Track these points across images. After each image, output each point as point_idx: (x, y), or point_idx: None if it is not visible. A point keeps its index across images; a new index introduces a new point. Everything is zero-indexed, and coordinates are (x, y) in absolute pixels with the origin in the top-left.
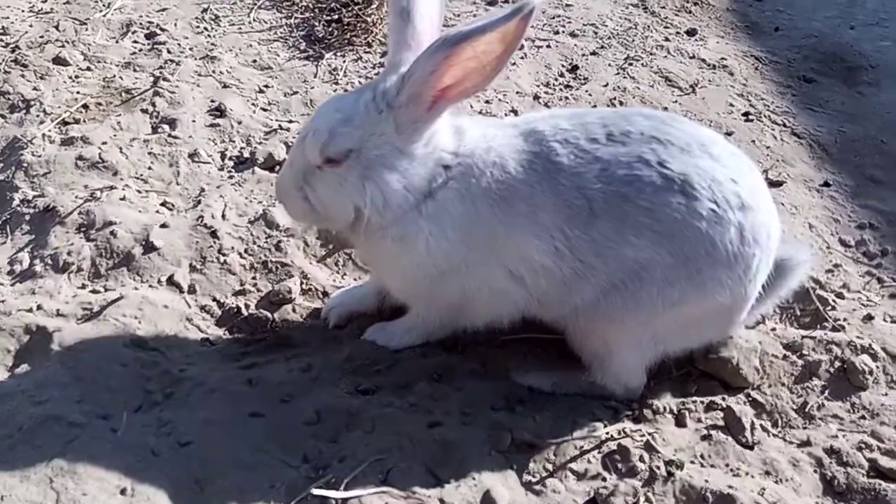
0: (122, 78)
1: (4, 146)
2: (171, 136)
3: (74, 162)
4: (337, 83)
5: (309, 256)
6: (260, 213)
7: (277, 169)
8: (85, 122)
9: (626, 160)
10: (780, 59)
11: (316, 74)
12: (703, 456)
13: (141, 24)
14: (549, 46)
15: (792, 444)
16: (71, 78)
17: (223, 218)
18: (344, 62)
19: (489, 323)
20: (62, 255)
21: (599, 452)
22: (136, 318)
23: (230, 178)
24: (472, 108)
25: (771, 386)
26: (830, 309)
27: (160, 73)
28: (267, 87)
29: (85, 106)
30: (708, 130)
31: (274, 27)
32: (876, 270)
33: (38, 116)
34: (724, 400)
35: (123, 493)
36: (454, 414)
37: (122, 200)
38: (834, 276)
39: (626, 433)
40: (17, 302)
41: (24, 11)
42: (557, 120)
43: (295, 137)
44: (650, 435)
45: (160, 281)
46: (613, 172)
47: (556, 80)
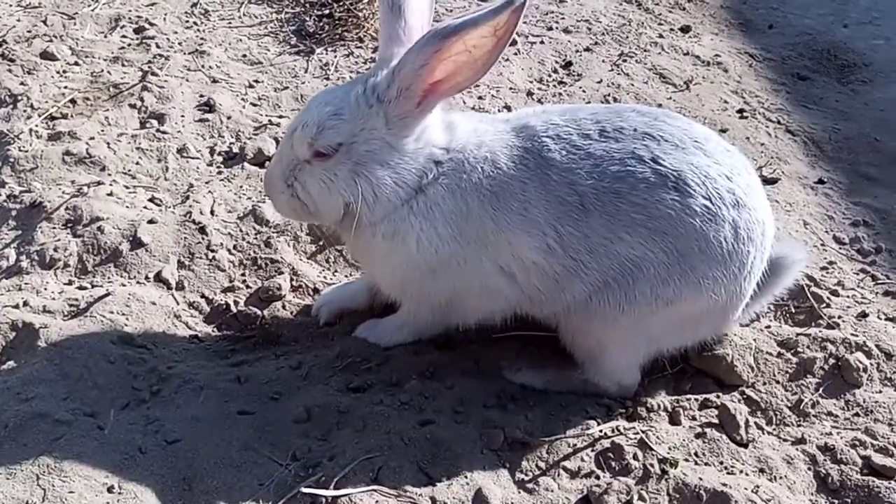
0: (110, 73)
1: None
2: (159, 131)
3: (62, 157)
4: (328, 78)
5: (299, 253)
6: (249, 209)
7: (267, 164)
8: (72, 117)
9: (619, 156)
10: (774, 56)
11: (307, 69)
12: (697, 454)
13: (129, 18)
14: (542, 42)
15: (786, 441)
16: (58, 73)
17: (212, 214)
18: (335, 57)
19: (481, 320)
20: (49, 250)
21: (593, 450)
22: (123, 314)
23: (219, 173)
24: (464, 103)
25: (765, 383)
26: (825, 306)
27: (149, 67)
28: (257, 82)
29: (72, 101)
30: (702, 127)
31: (264, 22)
32: (870, 268)
33: (25, 111)
34: (718, 398)
35: (111, 490)
36: (446, 412)
37: (109, 196)
38: (828, 273)
39: (619, 431)
40: (2, 298)
41: (11, 6)
42: (549, 115)
43: (285, 133)
44: (644, 433)
45: (148, 277)
46: (606, 168)
47: (549, 76)
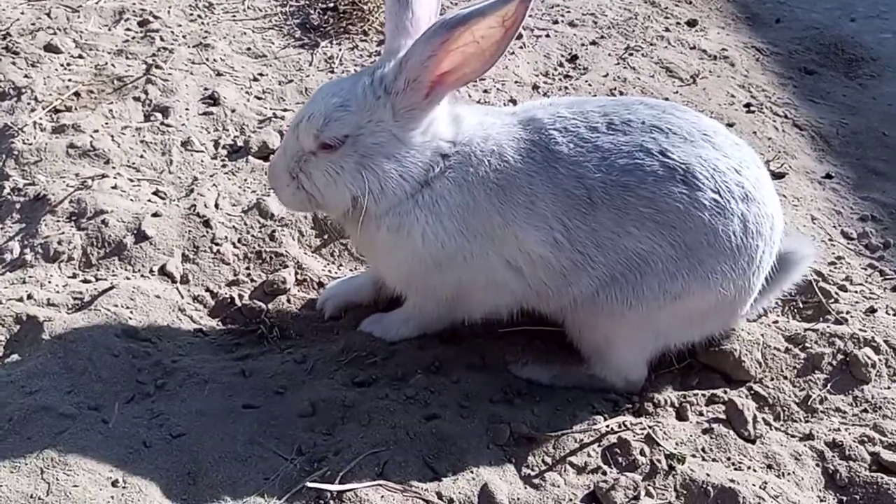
0: (114, 65)
1: None
2: (163, 124)
3: (66, 150)
4: (333, 71)
5: (304, 246)
6: (254, 202)
7: (271, 158)
8: (76, 109)
9: (627, 149)
10: (780, 50)
11: (311, 63)
12: (704, 449)
13: (133, 11)
14: (547, 36)
15: (794, 437)
16: (62, 65)
17: (216, 207)
18: (340, 50)
19: (487, 315)
20: (53, 244)
21: (599, 446)
22: (127, 308)
23: (223, 166)
24: (469, 97)
25: (773, 379)
26: (833, 302)
27: (153, 60)
28: (261, 75)
29: (76, 94)
30: (710, 120)
31: (269, 15)
32: (878, 263)
33: (29, 104)
34: (725, 393)
35: (115, 484)
36: (452, 406)
37: (113, 189)
38: (836, 268)
39: (626, 426)
40: (7, 291)
41: None
42: (557, 108)
43: (290, 123)
44: (651, 428)
45: (152, 271)
46: (614, 162)
47: (555, 69)
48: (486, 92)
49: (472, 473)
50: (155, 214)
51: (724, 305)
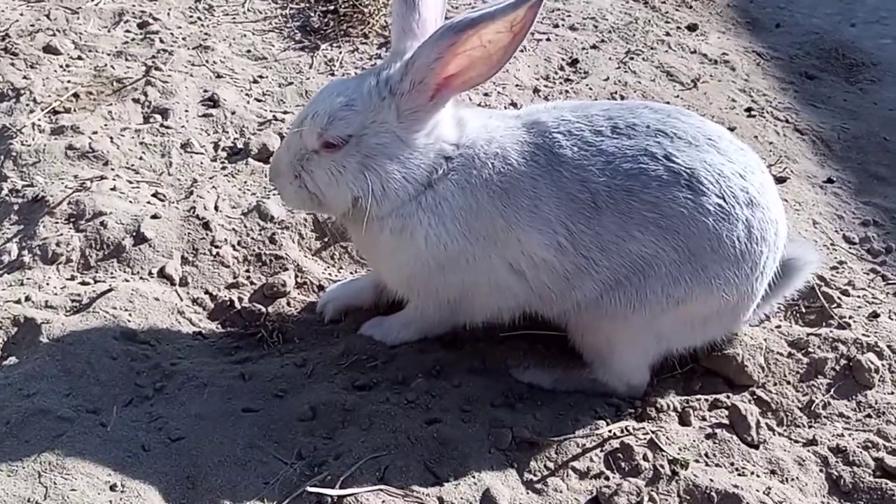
0: (113, 67)
1: None
2: (163, 126)
3: (64, 151)
4: (333, 74)
5: (304, 249)
6: (254, 204)
7: (271, 160)
8: (75, 111)
9: (631, 153)
10: (781, 55)
11: (311, 65)
12: (707, 455)
13: (133, 13)
14: (548, 40)
15: (797, 442)
16: (62, 67)
17: (216, 209)
18: (340, 53)
19: (489, 318)
20: (51, 245)
21: (602, 451)
22: (126, 310)
23: (223, 169)
24: (470, 100)
25: (776, 384)
26: (836, 306)
27: (152, 62)
28: (261, 77)
29: (76, 95)
30: (715, 125)
31: (269, 17)
32: (880, 268)
33: (27, 105)
34: (728, 398)
35: (113, 489)
36: (453, 411)
37: (112, 191)
38: (839, 273)
39: (629, 431)
40: (4, 293)
41: (14, 0)
42: (561, 112)
43: (290, 128)
44: (654, 433)
45: (151, 273)
46: (618, 166)
47: (555, 73)
48: (486, 95)
49: (473, 478)
50: (154, 216)
51: (726, 310)
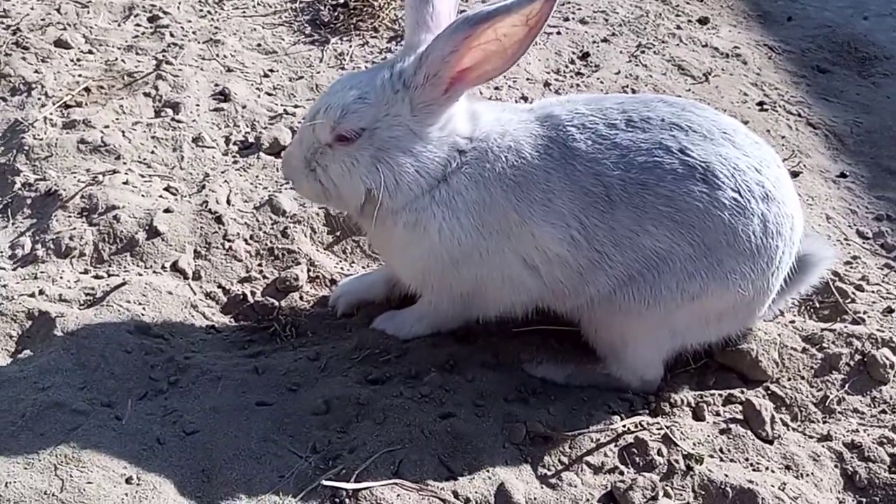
0: (124, 61)
1: (5, 129)
2: (174, 120)
3: (76, 145)
4: (343, 68)
5: (316, 243)
6: (266, 198)
7: (283, 154)
8: (87, 105)
9: (646, 147)
10: (793, 48)
11: (321, 59)
12: (722, 450)
13: (143, 7)
14: (559, 33)
15: (812, 438)
16: (72, 61)
17: (228, 203)
18: (350, 47)
19: (502, 313)
20: (64, 239)
21: (616, 445)
22: (139, 304)
23: (234, 163)
24: (481, 93)
25: (790, 379)
26: (850, 301)
27: (163, 56)
28: (272, 71)
29: (87, 89)
30: (730, 118)
31: (278, 11)
32: (894, 263)
33: (39, 99)
34: (742, 393)
35: (129, 481)
36: (466, 405)
37: (124, 185)
38: (853, 268)
39: (643, 426)
40: (18, 286)
41: None
42: (575, 105)
43: (301, 122)
44: (668, 428)
45: (164, 267)
46: (633, 159)
47: (566, 67)
48: (497, 89)
49: (488, 473)
50: (167, 210)
51: (742, 306)
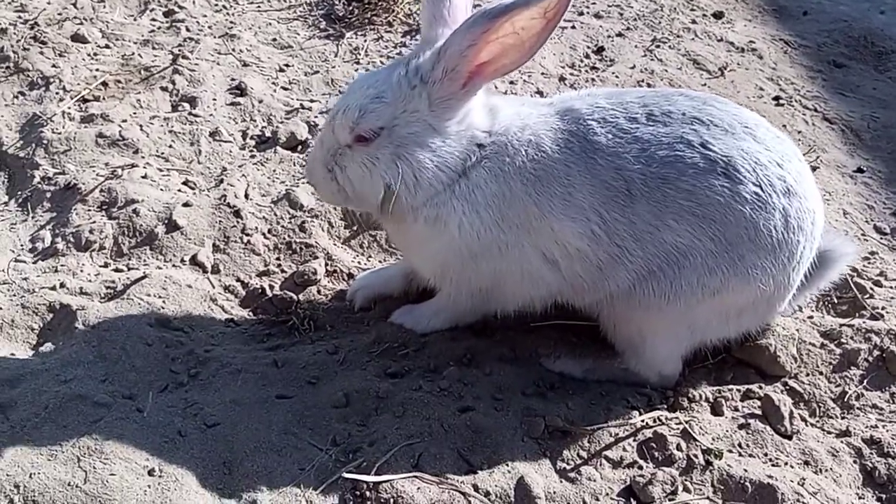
0: (141, 56)
1: (24, 123)
2: (191, 114)
3: (95, 139)
4: (358, 62)
5: (333, 238)
6: (283, 193)
7: (300, 148)
8: (104, 99)
9: (667, 141)
10: (809, 43)
11: (337, 53)
12: (741, 445)
13: (159, 1)
14: (573, 27)
15: (830, 434)
16: (90, 55)
17: (246, 197)
18: (365, 41)
19: (520, 308)
20: (84, 233)
21: (635, 440)
22: (160, 297)
23: (252, 157)
24: (496, 87)
25: (808, 375)
26: (868, 297)
27: (179, 51)
28: (287, 65)
29: (104, 83)
30: (751, 112)
31: (293, 6)
32: None
33: (57, 94)
34: (760, 388)
35: (151, 473)
36: (485, 399)
37: (143, 178)
38: (870, 263)
39: (661, 421)
40: (39, 279)
41: None
42: (595, 98)
43: (317, 117)
44: (686, 423)
45: (183, 260)
46: (654, 153)
47: (581, 61)
48: (512, 83)
49: (507, 466)
50: (185, 204)
51: (762, 301)
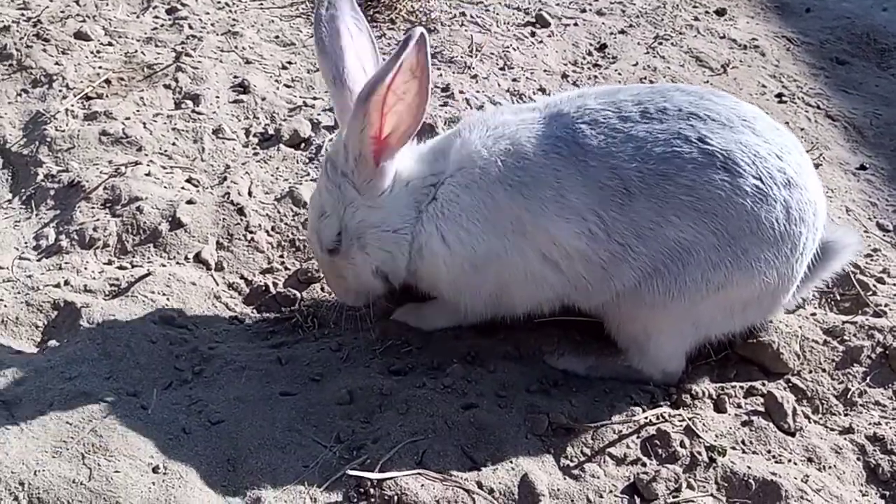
0: (143, 53)
1: (27, 121)
2: (194, 111)
3: (98, 137)
4: None
5: None
6: (286, 190)
7: (303, 146)
8: (107, 97)
9: (663, 137)
10: (812, 40)
11: None
12: (744, 442)
13: None
14: (576, 25)
15: (833, 431)
16: (92, 53)
17: (249, 195)
18: None
19: (529, 311)
20: (88, 230)
21: (638, 437)
22: (164, 294)
23: (255, 154)
24: (499, 85)
25: (811, 372)
26: (871, 294)
27: (182, 48)
28: (290, 63)
29: (107, 81)
30: (750, 106)
31: (295, 3)
32: None
33: (60, 91)
34: (763, 385)
35: (155, 470)
36: (489, 396)
37: (147, 176)
38: (873, 260)
39: (665, 418)
40: (44, 277)
41: None
42: (585, 100)
43: (320, 114)
44: (690, 420)
45: (187, 258)
46: (650, 150)
47: (584, 58)
48: (514, 81)
49: (511, 463)
50: (189, 202)
51: (766, 294)
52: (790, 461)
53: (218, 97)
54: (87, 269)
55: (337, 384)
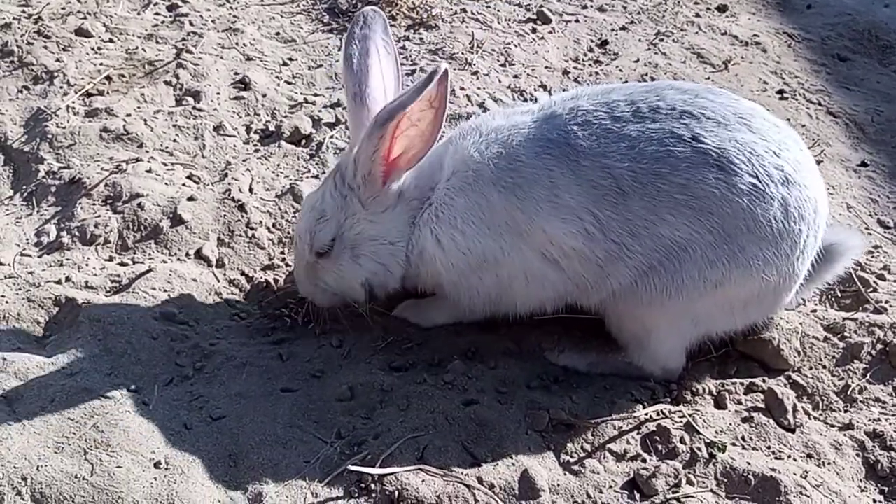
0: (144, 50)
1: (28, 117)
2: (195, 108)
3: (99, 134)
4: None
5: None
6: (287, 187)
7: (304, 143)
8: (108, 93)
9: (656, 136)
10: (813, 36)
11: (340, 48)
12: (744, 438)
13: None
14: (577, 21)
15: (833, 427)
16: (93, 49)
17: (250, 191)
18: None
19: (532, 311)
20: (89, 227)
21: (639, 433)
22: (165, 291)
23: (256, 151)
24: (500, 82)
25: (812, 368)
26: (872, 291)
27: (183, 45)
28: (291, 59)
29: (108, 78)
30: (748, 103)
31: (296, 0)
32: None
33: (61, 88)
34: (764, 382)
35: (157, 466)
36: (489, 392)
37: (148, 173)
38: (874, 257)
39: (665, 414)
40: (45, 273)
41: None
42: (578, 101)
43: (321, 111)
44: (690, 416)
45: (188, 254)
46: (643, 149)
47: (585, 55)
48: (516, 77)
49: (511, 459)
50: (190, 198)
51: (767, 292)
52: (790, 457)
53: (219, 94)
54: (88, 265)
55: (338, 380)
